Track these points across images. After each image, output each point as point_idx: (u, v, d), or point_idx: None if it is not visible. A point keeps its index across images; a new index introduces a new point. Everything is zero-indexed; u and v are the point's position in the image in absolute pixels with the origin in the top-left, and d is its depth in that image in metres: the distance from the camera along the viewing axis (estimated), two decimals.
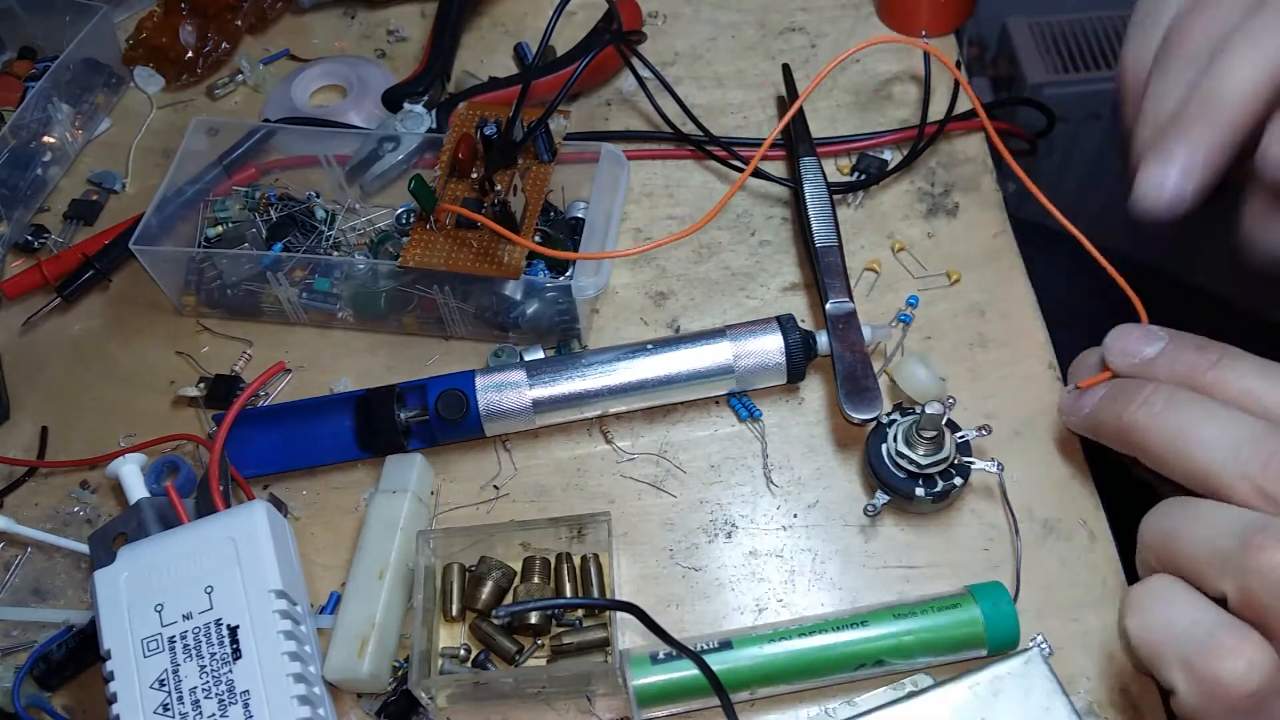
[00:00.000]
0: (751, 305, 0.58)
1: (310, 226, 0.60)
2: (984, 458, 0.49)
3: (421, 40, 0.72)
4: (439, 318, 0.57)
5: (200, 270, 0.59)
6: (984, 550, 0.49)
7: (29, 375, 0.59)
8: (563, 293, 0.54)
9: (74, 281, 0.61)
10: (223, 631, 0.43)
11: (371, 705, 0.47)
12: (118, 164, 0.68)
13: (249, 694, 0.42)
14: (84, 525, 0.54)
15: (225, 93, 0.71)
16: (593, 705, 0.47)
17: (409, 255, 0.54)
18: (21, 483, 0.55)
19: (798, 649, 0.45)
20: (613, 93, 0.68)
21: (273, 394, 0.57)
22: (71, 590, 0.52)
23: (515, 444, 0.54)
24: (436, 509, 0.53)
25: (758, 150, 0.57)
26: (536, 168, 0.57)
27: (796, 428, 0.54)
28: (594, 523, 0.48)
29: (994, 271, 0.58)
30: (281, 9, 0.75)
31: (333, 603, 0.50)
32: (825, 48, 0.69)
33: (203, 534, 0.46)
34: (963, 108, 0.64)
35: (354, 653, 0.45)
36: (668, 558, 0.51)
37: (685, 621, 0.49)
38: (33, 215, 0.66)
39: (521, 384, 0.52)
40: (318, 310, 0.58)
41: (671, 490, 0.53)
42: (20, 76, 0.68)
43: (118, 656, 0.43)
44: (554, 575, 0.49)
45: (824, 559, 0.50)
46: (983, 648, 0.45)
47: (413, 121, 0.63)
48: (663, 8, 0.72)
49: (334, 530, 0.52)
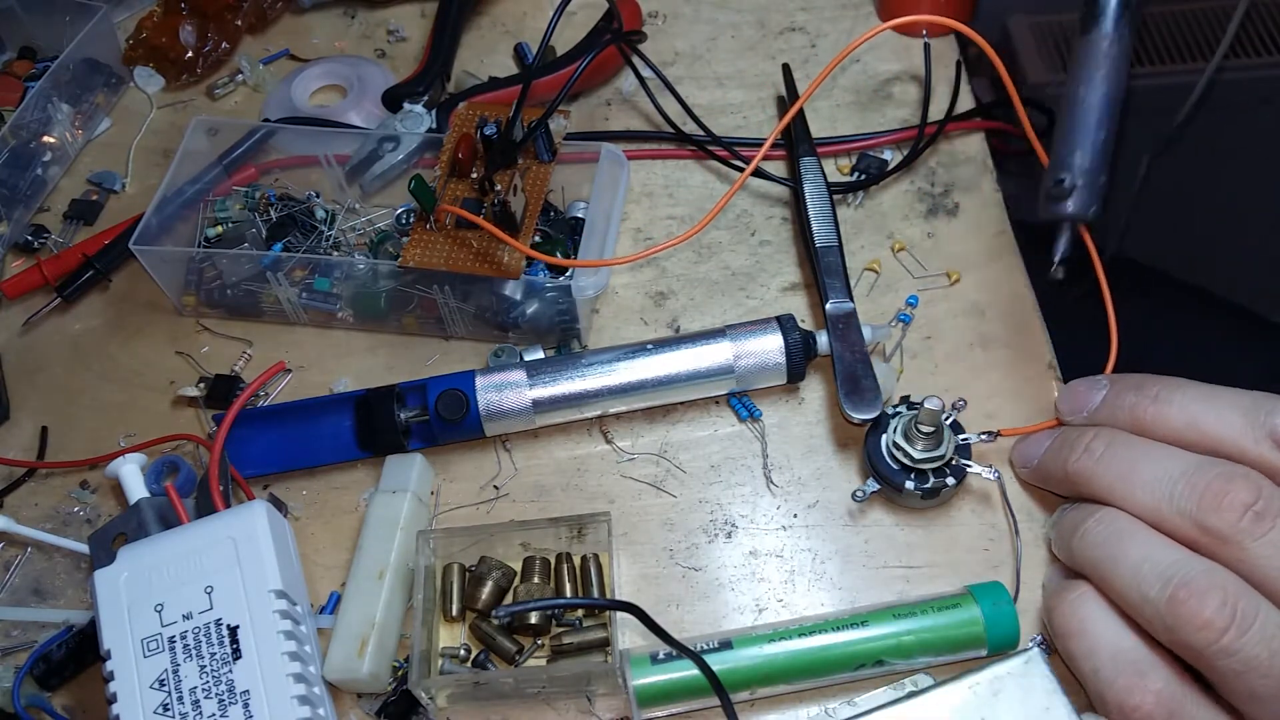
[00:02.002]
0: (751, 305, 0.58)
1: (310, 226, 0.60)
2: (984, 463, 0.49)
3: (421, 40, 0.72)
4: (439, 318, 0.57)
5: (200, 270, 0.59)
6: (984, 550, 0.49)
7: (29, 375, 0.60)
8: (563, 293, 0.54)
9: (74, 281, 0.61)
10: (223, 631, 0.43)
11: (371, 705, 0.47)
12: (118, 164, 0.68)
13: (249, 694, 0.42)
14: (84, 525, 0.54)
15: (225, 93, 0.71)
16: (593, 705, 0.47)
17: (409, 255, 0.54)
18: (21, 483, 0.55)
19: (798, 649, 0.45)
20: (613, 93, 0.68)
21: (273, 394, 0.57)
22: (71, 590, 0.52)
23: (515, 444, 0.54)
24: (436, 509, 0.53)
25: (758, 150, 0.57)
26: (536, 168, 0.57)
27: (796, 428, 0.54)
28: (594, 523, 0.48)
29: (994, 271, 0.58)
30: (281, 9, 0.75)
31: (333, 603, 0.50)
32: (825, 48, 0.69)
33: (203, 534, 0.46)
34: (962, 107, 0.64)
35: (354, 653, 0.45)
36: (668, 558, 0.51)
37: (685, 621, 0.49)
38: (33, 215, 0.66)
39: (521, 384, 0.52)
40: (318, 310, 0.58)
41: (671, 490, 0.53)
42: (20, 76, 0.68)
43: (118, 656, 0.43)
44: (554, 575, 0.49)
45: (824, 559, 0.50)
46: (983, 648, 0.45)
47: (413, 121, 0.63)
48: (663, 8, 0.72)
49: (334, 530, 0.52)
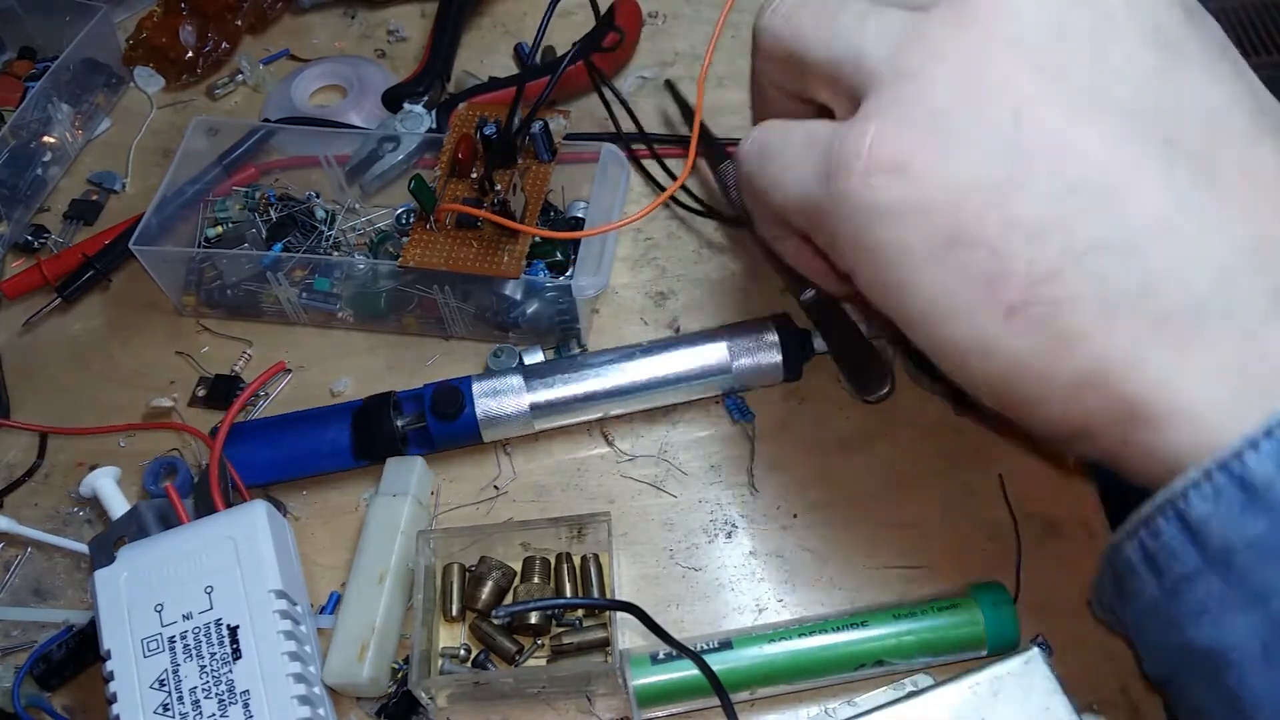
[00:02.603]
0: (753, 305, 0.58)
1: (310, 226, 0.60)
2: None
3: (421, 40, 0.72)
4: (439, 318, 0.57)
5: (200, 270, 0.59)
6: (984, 550, 0.49)
7: (29, 375, 0.59)
8: (563, 292, 0.54)
9: (74, 281, 0.61)
10: (223, 631, 0.43)
11: (372, 705, 0.47)
12: (118, 164, 0.68)
13: (249, 694, 0.42)
14: (84, 525, 0.54)
15: (225, 93, 0.71)
16: (593, 705, 0.47)
17: (409, 255, 0.54)
18: (21, 483, 0.55)
19: (798, 649, 0.45)
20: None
21: (273, 394, 0.57)
22: (71, 590, 0.52)
23: (515, 445, 0.54)
24: (436, 509, 0.53)
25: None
26: (536, 167, 0.57)
27: (797, 427, 0.54)
28: (594, 523, 0.48)
29: None
30: (281, 9, 0.75)
31: (333, 603, 0.50)
32: None
33: (202, 534, 0.46)
34: None
35: (354, 657, 0.45)
36: (668, 558, 0.51)
37: (685, 621, 0.49)
38: (33, 215, 0.66)
39: (519, 389, 0.52)
40: (318, 310, 0.58)
41: (671, 490, 0.53)
42: (20, 76, 0.68)
43: (118, 656, 0.43)
44: (554, 575, 0.49)
45: (824, 559, 0.50)
46: (983, 648, 0.45)
47: (412, 121, 0.63)
48: (663, 8, 0.72)
49: (334, 530, 0.52)
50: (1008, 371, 0.34)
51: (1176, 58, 0.34)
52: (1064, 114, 0.33)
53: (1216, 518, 0.30)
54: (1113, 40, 0.34)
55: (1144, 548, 0.33)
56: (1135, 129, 0.33)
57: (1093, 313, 0.32)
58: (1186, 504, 0.31)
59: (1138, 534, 0.33)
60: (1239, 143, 0.33)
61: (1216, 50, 0.35)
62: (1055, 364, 0.33)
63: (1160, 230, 0.32)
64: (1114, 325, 0.32)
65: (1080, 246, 0.32)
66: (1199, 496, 0.30)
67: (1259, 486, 0.29)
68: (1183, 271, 0.32)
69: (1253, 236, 0.32)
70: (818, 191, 0.37)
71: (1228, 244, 0.32)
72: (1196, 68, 0.34)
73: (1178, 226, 0.32)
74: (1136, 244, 0.32)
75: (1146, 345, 0.32)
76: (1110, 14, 0.34)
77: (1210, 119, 0.33)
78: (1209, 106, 0.33)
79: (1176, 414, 0.31)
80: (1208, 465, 0.30)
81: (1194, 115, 0.33)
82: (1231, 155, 0.33)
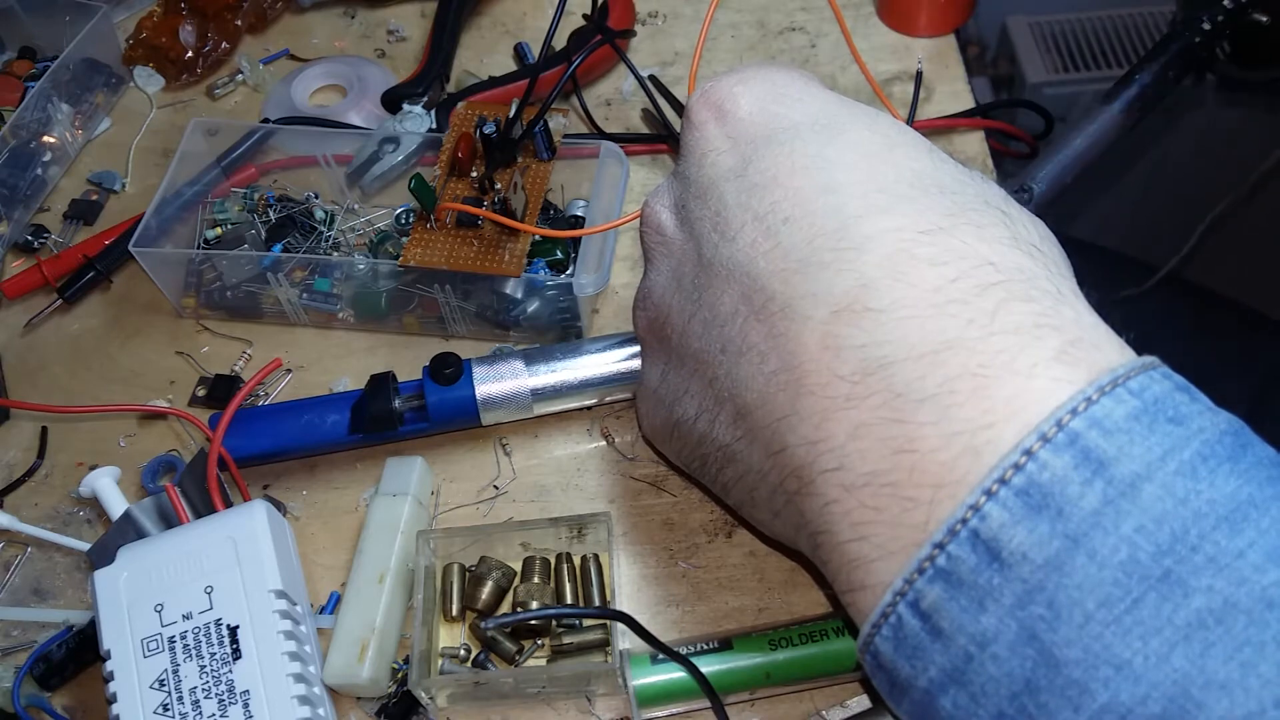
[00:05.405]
0: None
1: (310, 227, 0.60)
2: None
3: (421, 40, 0.72)
4: (440, 317, 0.57)
5: (200, 272, 0.59)
6: None
7: (29, 375, 0.60)
8: (563, 291, 0.54)
9: (75, 282, 0.61)
10: (223, 631, 0.43)
11: (372, 705, 0.47)
12: (118, 164, 0.68)
13: (249, 694, 0.42)
14: (84, 525, 0.54)
15: (225, 93, 0.71)
16: (593, 705, 0.47)
17: (409, 254, 0.54)
18: (21, 482, 0.55)
19: (798, 649, 0.45)
20: (612, 92, 0.68)
21: (273, 394, 0.57)
22: (71, 590, 0.52)
23: (515, 444, 0.54)
24: (436, 509, 0.53)
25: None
26: (536, 166, 0.57)
27: None
28: (594, 523, 0.48)
29: None
30: (281, 9, 0.75)
31: (332, 603, 0.49)
32: (825, 48, 0.69)
33: (202, 534, 0.46)
34: (961, 106, 0.64)
35: (354, 658, 0.45)
36: (668, 558, 0.51)
37: (685, 621, 0.49)
38: (33, 215, 0.66)
39: (520, 371, 0.52)
40: (318, 310, 0.58)
41: (671, 490, 0.53)
42: (20, 76, 0.68)
43: (118, 656, 0.43)
44: (554, 575, 0.49)
45: None
46: None
47: (412, 122, 0.63)
48: (662, 8, 0.72)
49: (334, 530, 0.52)
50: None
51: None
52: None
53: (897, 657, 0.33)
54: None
55: (875, 658, 0.34)
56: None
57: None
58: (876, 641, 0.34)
59: (868, 647, 0.34)
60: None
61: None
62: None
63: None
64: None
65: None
66: (880, 639, 0.33)
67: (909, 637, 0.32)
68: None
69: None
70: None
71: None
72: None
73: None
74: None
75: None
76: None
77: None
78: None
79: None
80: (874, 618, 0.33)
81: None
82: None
